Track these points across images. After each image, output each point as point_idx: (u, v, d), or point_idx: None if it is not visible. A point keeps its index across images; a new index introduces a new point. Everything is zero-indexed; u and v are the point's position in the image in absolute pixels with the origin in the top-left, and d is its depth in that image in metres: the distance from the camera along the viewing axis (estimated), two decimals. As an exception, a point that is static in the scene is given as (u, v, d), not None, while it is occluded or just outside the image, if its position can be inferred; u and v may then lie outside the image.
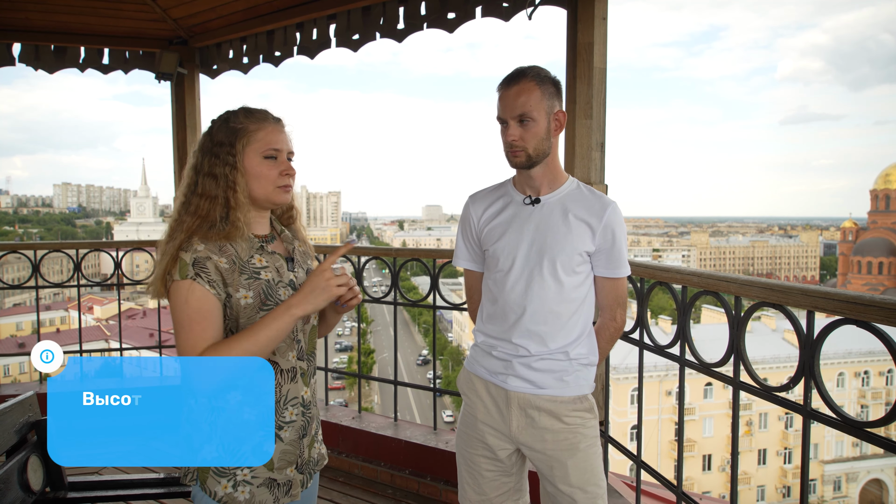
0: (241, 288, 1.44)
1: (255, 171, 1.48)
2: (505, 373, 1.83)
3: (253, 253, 1.49)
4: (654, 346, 2.37)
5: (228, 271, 1.43)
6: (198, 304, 1.38)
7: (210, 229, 1.45)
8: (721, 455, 31.74)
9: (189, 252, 1.40)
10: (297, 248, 1.64)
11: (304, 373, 1.56)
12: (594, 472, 1.81)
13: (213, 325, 1.40)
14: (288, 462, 1.52)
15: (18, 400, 1.79)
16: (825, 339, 1.60)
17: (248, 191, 1.48)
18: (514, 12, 3.14)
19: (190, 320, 1.38)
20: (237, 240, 1.46)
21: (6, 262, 4.38)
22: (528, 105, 1.71)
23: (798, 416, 1.70)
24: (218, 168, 1.46)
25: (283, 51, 4.02)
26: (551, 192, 1.82)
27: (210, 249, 1.42)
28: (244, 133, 1.48)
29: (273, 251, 1.54)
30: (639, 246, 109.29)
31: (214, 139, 1.49)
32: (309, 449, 1.58)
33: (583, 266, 1.80)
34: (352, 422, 3.70)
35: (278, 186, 1.51)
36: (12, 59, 4.19)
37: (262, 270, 1.49)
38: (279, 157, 1.51)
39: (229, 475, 1.45)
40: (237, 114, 1.52)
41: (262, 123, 1.51)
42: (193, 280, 1.38)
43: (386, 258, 3.63)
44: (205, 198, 1.45)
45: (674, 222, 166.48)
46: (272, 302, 1.47)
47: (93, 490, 1.90)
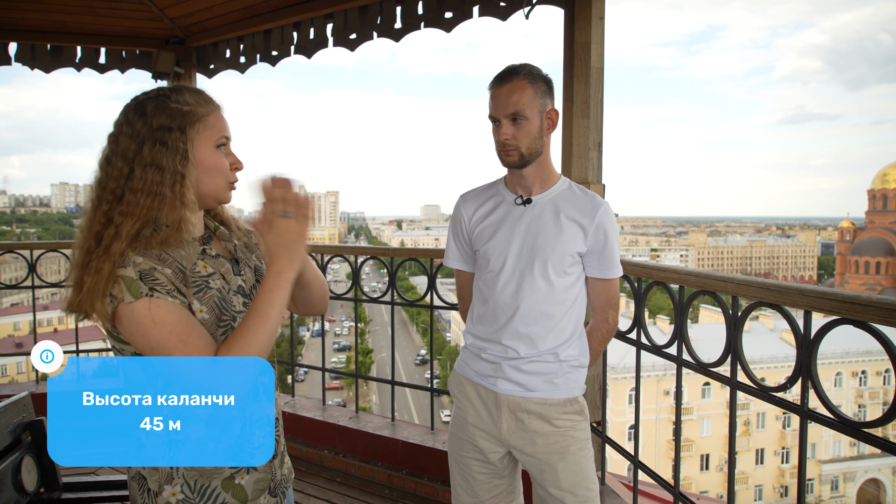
0: (194, 301, 1.22)
1: (208, 162, 1.26)
2: (494, 375, 1.81)
3: (196, 259, 1.26)
4: (651, 345, 2.37)
5: (178, 281, 1.21)
6: (172, 317, 1.16)
7: (146, 235, 1.21)
8: (719, 455, 31.78)
9: (129, 267, 1.15)
10: (237, 244, 1.40)
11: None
12: (585, 475, 1.80)
13: (204, 331, 1.20)
14: (261, 490, 1.35)
15: (13, 400, 1.78)
16: (822, 339, 1.60)
17: (196, 186, 1.25)
18: (511, 12, 3.13)
19: (177, 336, 1.16)
20: (178, 247, 1.24)
21: (3, 261, 4.37)
22: (520, 103, 1.69)
23: (796, 416, 1.70)
24: (166, 158, 1.20)
25: (280, 50, 4.00)
26: (543, 191, 1.80)
27: (149, 259, 1.18)
28: (195, 117, 1.24)
29: (217, 254, 1.32)
30: (637, 246, 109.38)
31: (154, 123, 1.21)
32: (280, 468, 1.42)
33: (574, 267, 1.78)
34: (349, 422, 3.69)
35: (229, 182, 1.30)
36: (8, 58, 4.17)
37: (210, 279, 1.27)
38: (227, 146, 1.30)
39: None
40: (179, 92, 1.26)
41: (210, 106, 1.28)
42: (150, 296, 1.15)
43: (383, 258, 3.62)
44: (146, 194, 1.19)
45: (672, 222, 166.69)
46: (228, 315, 1.27)
47: (88, 491, 1.89)
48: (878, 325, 1.42)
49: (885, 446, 1.45)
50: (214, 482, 1.28)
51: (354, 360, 3.97)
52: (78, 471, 3.63)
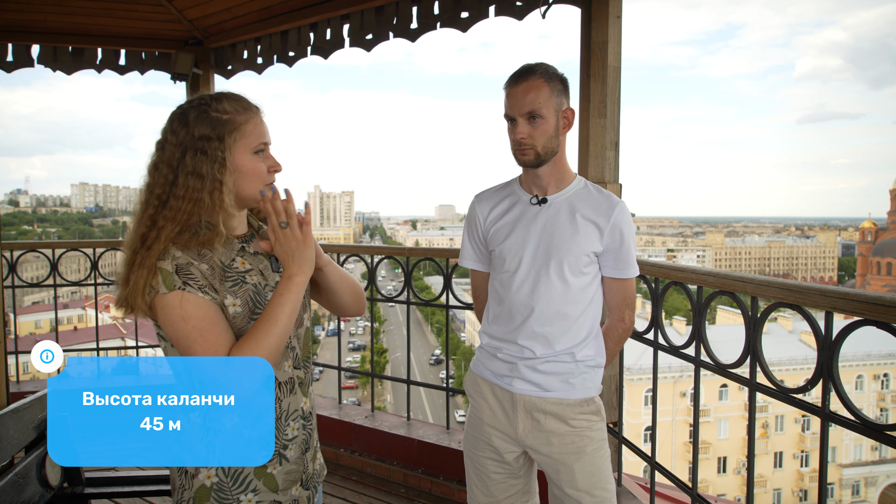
0: (228, 295, 1.30)
1: (246, 168, 1.34)
2: (510, 375, 1.81)
3: (234, 256, 1.35)
4: (668, 346, 2.35)
5: (212, 278, 1.29)
6: (199, 312, 1.24)
7: (187, 235, 1.30)
8: (736, 457, 31.43)
9: (167, 260, 1.25)
10: None
11: (302, 382, 1.45)
12: (601, 475, 1.79)
13: (226, 329, 1.27)
14: (293, 481, 1.41)
15: (37, 396, 1.81)
16: (844, 340, 1.57)
17: (235, 190, 1.33)
18: (527, 11, 3.12)
19: (199, 332, 1.24)
20: (216, 245, 1.31)
21: (25, 260, 4.45)
22: (536, 102, 1.69)
23: (815, 420, 1.68)
24: (205, 166, 1.29)
25: (297, 51, 4.03)
26: (558, 191, 1.79)
27: (189, 256, 1.27)
28: (233, 126, 1.32)
29: (256, 252, 1.40)
30: (653, 246, 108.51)
31: (195, 132, 1.30)
32: (312, 462, 1.48)
33: (590, 267, 1.78)
34: (365, 420, 3.71)
35: (266, 184, 1.37)
36: (31, 60, 4.24)
37: (247, 274, 1.35)
38: (266, 150, 1.37)
39: (232, 501, 1.34)
40: (219, 100, 1.33)
41: (249, 113, 1.35)
42: (183, 290, 1.24)
43: (399, 257, 3.63)
44: (187, 200, 1.29)
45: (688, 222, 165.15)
46: (261, 308, 1.33)
47: (109, 486, 1.92)
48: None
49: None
50: (248, 469, 1.34)
51: (370, 360, 3.99)
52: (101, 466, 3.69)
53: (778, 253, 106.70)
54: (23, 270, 4.60)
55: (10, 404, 1.70)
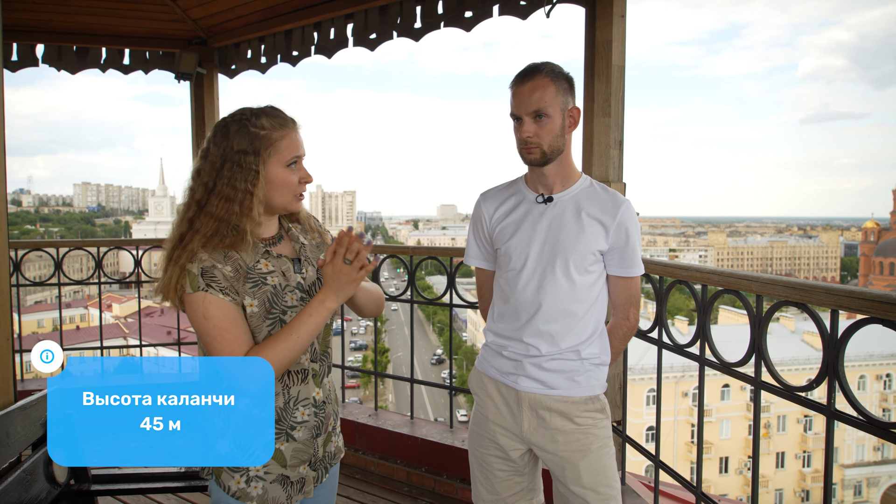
0: (246, 296, 1.41)
1: (279, 180, 1.44)
2: (515, 373, 1.82)
3: (258, 258, 1.46)
4: (673, 345, 2.35)
5: (234, 279, 1.40)
6: (219, 313, 1.37)
7: (219, 239, 1.41)
8: (738, 458, 31.38)
9: (195, 263, 1.38)
10: (307, 244, 1.59)
11: (317, 374, 1.55)
12: (606, 473, 1.80)
13: (244, 329, 1.39)
14: (301, 460, 1.52)
15: (43, 394, 1.82)
16: (850, 338, 1.57)
17: (265, 200, 1.45)
18: (531, 10, 3.12)
19: (219, 331, 1.36)
20: (242, 249, 1.43)
21: (28, 260, 4.46)
22: (542, 101, 1.69)
23: (818, 419, 1.68)
24: (239, 177, 1.41)
25: (301, 50, 4.04)
26: (564, 190, 1.80)
27: (214, 258, 1.39)
28: (269, 141, 1.43)
29: (279, 254, 1.51)
30: (655, 246, 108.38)
31: (235, 145, 1.41)
32: (324, 447, 1.59)
33: (596, 265, 1.78)
34: (368, 419, 3.71)
35: (296, 195, 1.49)
36: (35, 59, 4.25)
37: (269, 276, 1.45)
38: (298, 162, 1.48)
39: (242, 471, 1.46)
40: (258, 116, 1.44)
41: (285, 129, 1.45)
42: (206, 291, 1.36)
43: (402, 256, 3.64)
44: (222, 207, 1.41)
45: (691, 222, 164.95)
46: (277, 309, 1.45)
47: (116, 483, 1.93)
48: (908, 324, 1.39)
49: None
50: None
51: (374, 359, 3.99)
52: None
53: (780, 253, 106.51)
54: (26, 269, 4.61)
55: (17, 402, 1.71)
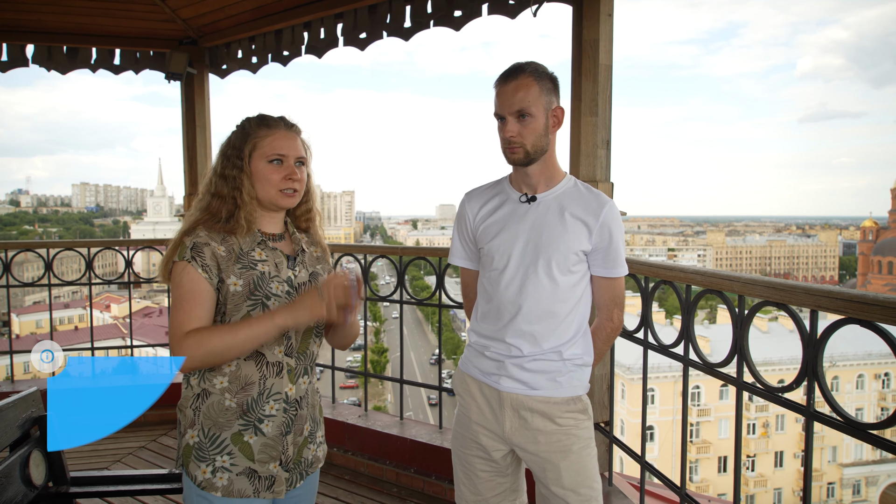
0: (232, 275, 1.49)
1: (259, 174, 1.56)
2: (498, 373, 1.81)
3: (254, 246, 1.56)
4: (658, 345, 2.34)
5: (224, 259, 1.50)
6: (190, 285, 1.46)
7: (217, 223, 1.54)
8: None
9: (191, 237, 1.50)
10: (308, 251, 1.68)
11: (292, 370, 1.57)
12: (587, 474, 1.79)
13: (202, 306, 1.47)
14: (270, 457, 1.54)
15: (21, 395, 1.81)
16: (829, 338, 1.57)
17: (253, 192, 1.56)
18: (520, 9, 3.11)
19: (182, 300, 1.46)
20: (240, 235, 1.54)
21: (26, 260, 4.48)
22: (526, 101, 1.68)
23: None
24: (228, 170, 1.56)
25: (291, 50, 4.02)
26: (548, 189, 1.79)
27: (212, 237, 1.51)
28: (253, 138, 1.57)
29: (275, 248, 1.60)
30: (654, 245, 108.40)
31: (231, 143, 1.59)
32: (296, 448, 1.59)
33: (579, 265, 1.77)
34: (358, 420, 3.70)
35: (281, 190, 1.57)
36: (26, 60, 4.24)
37: (260, 263, 1.54)
38: (285, 161, 1.57)
39: (208, 461, 1.49)
40: (253, 120, 1.61)
41: (272, 130, 1.58)
42: (188, 262, 1.47)
43: (392, 256, 3.63)
44: (216, 196, 1.56)
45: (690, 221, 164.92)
46: (260, 293, 1.51)
47: (95, 485, 1.91)
48: (884, 324, 1.39)
49: (891, 448, 1.42)
50: (224, 433, 1.51)
51: (364, 359, 3.97)
52: (88, 465, 3.69)
53: (779, 252, 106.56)
54: (23, 270, 4.60)
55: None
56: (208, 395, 1.51)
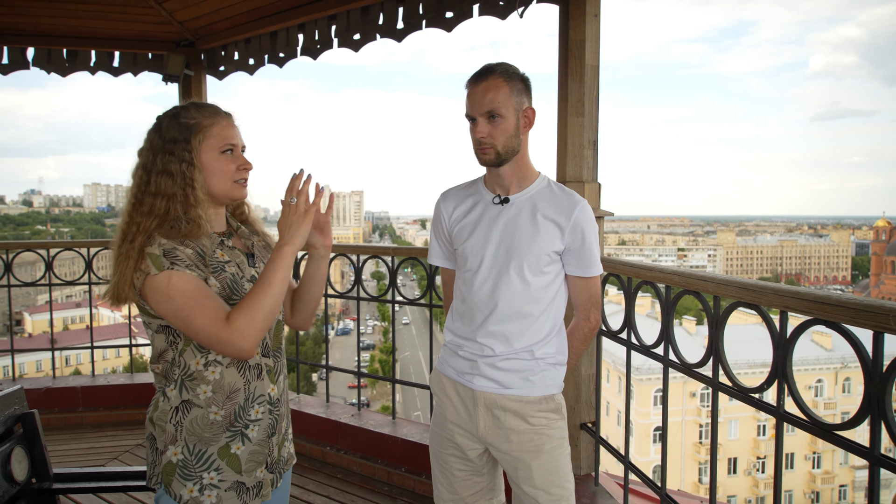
0: (210, 276, 1.42)
1: (212, 166, 1.46)
2: (471, 372, 1.82)
3: (215, 248, 1.47)
4: (640, 345, 2.34)
5: (198, 260, 1.41)
6: (191, 286, 1.35)
7: (170, 228, 1.41)
8: (746, 458, 31.16)
9: (155, 245, 1.36)
10: (255, 242, 1.63)
11: (271, 370, 1.53)
12: (559, 473, 1.79)
13: (215, 298, 1.37)
14: (257, 463, 1.49)
15: (5, 393, 1.84)
16: (797, 340, 1.57)
17: (206, 187, 1.46)
18: (510, 10, 3.12)
19: (196, 301, 1.34)
20: (199, 238, 1.43)
21: (38, 260, 4.51)
22: (495, 101, 1.69)
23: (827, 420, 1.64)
24: (174, 165, 1.42)
25: (287, 51, 4.06)
26: (521, 190, 1.79)
27: (174, 243, 1.39)
28: (199, 128, 1.45)
29: (233, 247, 1.53)
30: (664, 245, 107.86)
31: (166, 136, 1.44)
32: (279, 448, 1.57)
33: (551, 266, 1.77)
34: (351, 419, 3.72)
35: (236, 181, 1.50)
36: (27, 62, 4.30)
37: (226, 265, 1.47)
38: (235, 151, 1.50)
39: (195, 478, 1.42)
40: (187, 109, 1.48)
41: (216, 118, 1.48)
42: (171, 269, 1.34)
43: (384, 257, 3.65)
44: (160, 196, 1.41)
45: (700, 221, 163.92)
46: (238, 296, 1.45)
47: (78, 482, 1.94)
48: (848, 325, 1.39)
49: (854, 449, 1.42)
50: (211, 448, 1.44)
51: (357, 359, 4.00)
52: (85, 462, 3.73)
53: (790, 252, 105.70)
54: (35, 270, 4.68)
55: (-24, 401, 1.73)
56: (190, 407, 1.42)
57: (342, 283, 63.48)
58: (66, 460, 3.77)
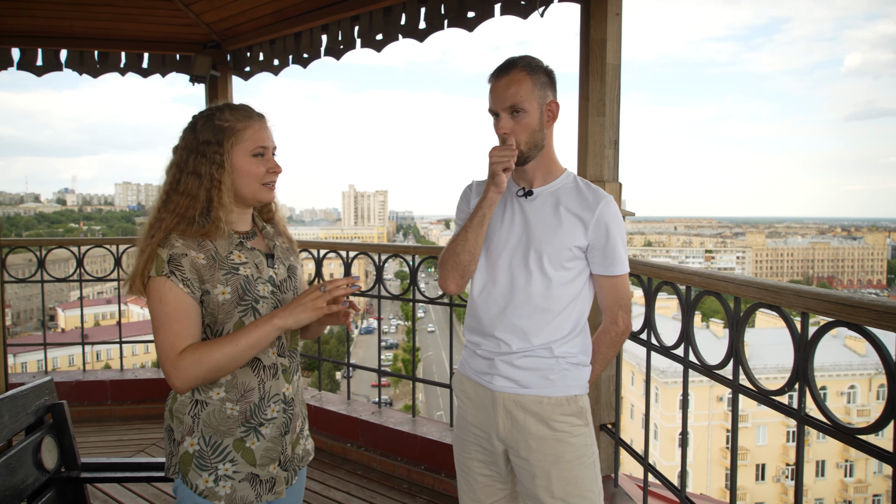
0: (218, 284, 1.43)
1: (243, 169, 1.48)
2: (490, 372, 1.77)
3: (232, 249, 1.49)
4: (659, 346, 2.32)
5: (206, 267, 1.42)
6: (175, 302, 1.38)
7: (189, 226, 1.44)
8: (775, 464, 30.54)
9: (166, 248, 1.40)
10: (278, 244, 1.64)
11: (286, 370, 1.55)
12: (579, 483, 1.72)
13: (191, 323, 1.40)
14: (271, 459, 1.52)
15: (36, 384, 1.90)
16: (818, 342, 1.54)
17: (234, 189, 1.48)
18: (531, 10, 3.11)
19: (168, 318, 1.38)
20: (216, 238, 1.46)
21: (71, 257, 4.64)
22: (518, 96, 1.66)
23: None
24: (203, 167, 1.45)
25: (311, 52, 4.10)
26: (545, 184, 1.77)
27: (188, 245, 1.42)
28: (232, 131, 1.47)
29: (253, 247, 1.54)
30: (691, 247, 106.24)
31: (200, 137, 1.46)
32: (293, 447, 1.58)
33: (574, 262, 1.72)
34: (371, 417, 3.76)
35: (264, 184, 1.51)
36: (60, 64, 4.42)
37: (241, 266, 1.48)
38: (266, 153, 1.51)
39: (211, 469, 1.46)
40: (222, 110, 1.50)
41: (249, 121, 1.50)
42: (168, 278, 1.38)
43: (406, 256, 3.67)
44: (185, 195, 1.44)
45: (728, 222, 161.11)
46: (250, 297, 1.47)
47: (105, 471, 2.00)
48: (871, 327, 1.36)
49: (875, 454, 1.39)
50: (227, 441, 1.47)
51: (378, 358, 4.03)
52: (113, 454, 3.83)
53: (822, 255, 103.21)
54: (68, 266, 4.83)
55: (7, 391, 1.79)
56: (206, 403, 1.47)
57: (366, 283, 63.57)
58: (94, 451, 3.88)
